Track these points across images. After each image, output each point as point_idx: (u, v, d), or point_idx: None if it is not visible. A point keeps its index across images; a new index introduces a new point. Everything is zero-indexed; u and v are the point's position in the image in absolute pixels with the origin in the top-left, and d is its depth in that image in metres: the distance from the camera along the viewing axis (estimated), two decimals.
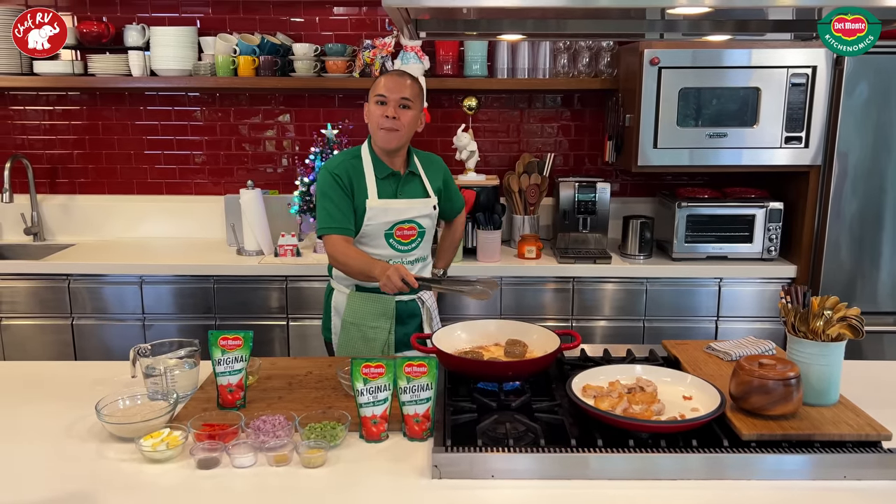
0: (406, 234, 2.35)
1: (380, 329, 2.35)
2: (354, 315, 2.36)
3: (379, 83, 2.29)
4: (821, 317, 1.61)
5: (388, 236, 2.33)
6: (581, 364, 1.93)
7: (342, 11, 3.59)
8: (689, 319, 3.23)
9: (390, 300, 2.34)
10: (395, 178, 2.35)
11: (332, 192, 2.28)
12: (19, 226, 3.68)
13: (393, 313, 2.36)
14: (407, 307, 2.40)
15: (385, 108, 2.25)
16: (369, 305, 2.35)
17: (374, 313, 2.35)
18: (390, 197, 2.33)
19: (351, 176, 2.30)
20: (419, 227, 2.36)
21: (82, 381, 1.96)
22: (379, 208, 2.30)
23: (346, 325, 2.37)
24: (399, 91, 2.25)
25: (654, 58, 3.03)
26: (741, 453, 1.46)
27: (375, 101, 2.28)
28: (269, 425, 1.58)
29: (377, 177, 2.32)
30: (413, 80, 2.32)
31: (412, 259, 2.39)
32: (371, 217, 2.30)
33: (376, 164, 2.33)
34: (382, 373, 1.60)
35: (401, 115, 2.25)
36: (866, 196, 3.09)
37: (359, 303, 2.36)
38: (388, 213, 2.31)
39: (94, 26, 3.46)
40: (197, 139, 3.72)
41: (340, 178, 2.29)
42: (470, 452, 1.47)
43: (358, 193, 2.30)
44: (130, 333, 3.23)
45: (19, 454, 1.58)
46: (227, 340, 1.72)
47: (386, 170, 2.33)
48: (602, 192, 3.39)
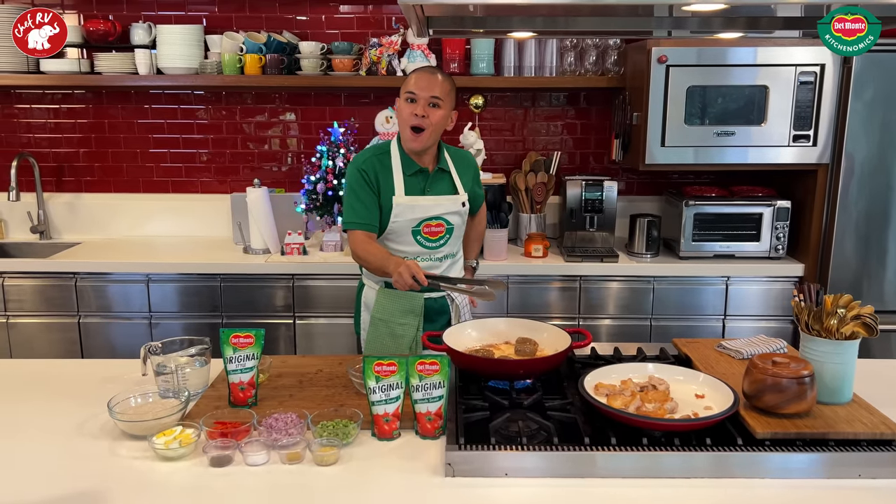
0: (434, 230, 2.33)
1: (408, 326, 2.33)
2: (383, 311, 2.34)
3: (410, 79, 2.25)
4: (834, 315, 1.60)
5: (415, 233, 2.31)
6: (592, 362, 1.92)
7: (348, 10, 3.58)
8: (697, 318, 3.23)
9: (419, 297, 2.32)
10: (423, 175, 2.32)
11: (358, 187, 2.28)
12: (26, 224, 3.68)
13: (421, 310, 2.34)
14: (436, 304, 2.38)
15: (414, 107, 2.22)
16: (398, 302, 2.33)
17: (403, 310, 2.33)
18: (418, 194, 2.31)
19: (378, 172, 2.29)
20: (447, 224, 2.34)
21: (92, 378, 1.96)
22: (406, 205, 2.28)
23: (375, 321, 2.36)
24: (429, 89, 2.21)
25: (661, 56, 3.02)
26: (755, 452, 1.46)
27: (405, 97, 2.24)
28: (281, 423, 1.57)
29: (405, 173, 2.30)
30: (445, 77, 2.27)
31: (440, 256, 2.37)
32: (398, 214, 2.28)
33: (404, 161, 2.31)
34: (395, 371, 1.60)
35: (430, 113, 2.22)
36: (874, 194, 3.08)
37: (387, 299, 2.34)
38: (416, 209, 2.29)
39: (101, 25, 3.46)
40: (203, 138, 3.72)
41: (367, 174, 2.28)
42: (483, 451, 1.47)
43: (385, 190, 2.28)
44: (137, 332, 3.23)
45: (31, 452, 1.58)
46: (238, 338, 1.71)
47: (414, 166, 2.31)
48: (609, 191, 3.38)
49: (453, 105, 2.30)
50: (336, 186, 3.30)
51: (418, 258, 2.31)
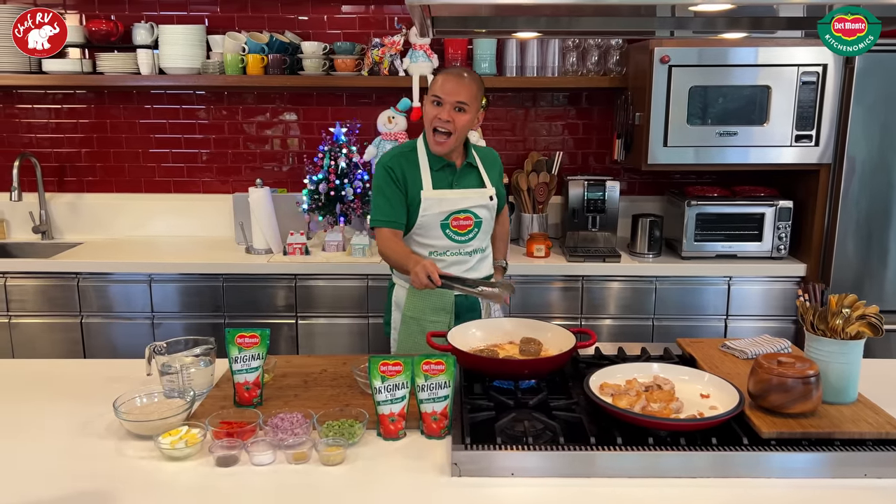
0: (462, 224, 2.35)
1: (439, 323, 2.33)
2: (414, 309, 2.37)
3: (437, 82, 2.26)
4: (839, 315, 1.61)
5: (444, 226, 2.33)
6: (596, 362, 1.93)
7: (350, 10, 3.58)
8: (699, 318, 3.23)
9: (449, 294, 2.34)
10: (450, 169, 2.35)
11: (385, 185, 2.31)
12: (28, 224, 3.68)
13: (452, 307, 2.36)
14: (466, 301, 2.40)
15: (439, 110, 2.23)
16: (429, 300, 2.35)
17: (434, 307, 2.35)
18: (445, 188, 2.33)
19: (405, 168, 2.32)
20: (476, 217, 2.36)
21: (96, 378, 1.96)
22: (434, 199, 2.31)
23: (406, 319, 2.38)
24: (455, 94, 2.22)
25: (664, 56, 3.02)
26: (761, 451, 1.46)
27: (431, 100, 2.26)
28: (287, 423, 1.58)
29: (432, 168, 2.33)
30: (473, 79, 2.27)
31: (470, 250, 2.39)
32: (426, 208, 2.31)
33: (431, 156, 2.34)
34: (400, 370, 1.60)
35: (455, 118, 2.23)
36: (875, 194, 3.09)
37: (418, 297, 2.36)
38: (443, 203, 2.32)
39: (103, 25, 3.46)
40: (204, 137, 3.72)
41: (393, 171, 2.31)
42: (489, 450, 1.47)
43: (412, 185, 2.31)
44: (139, 332, 3.23)
45: (37, 452, 1.58)
46: (244, 338, 1.72)
47: (441, 161, 2.33)
48: (611, 191, 3.38)
49: (479, 107, 2.32)
50: (338, 186, 3.30)
51: (448, 252, 2.35)
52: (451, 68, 2.40)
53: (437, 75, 2.32)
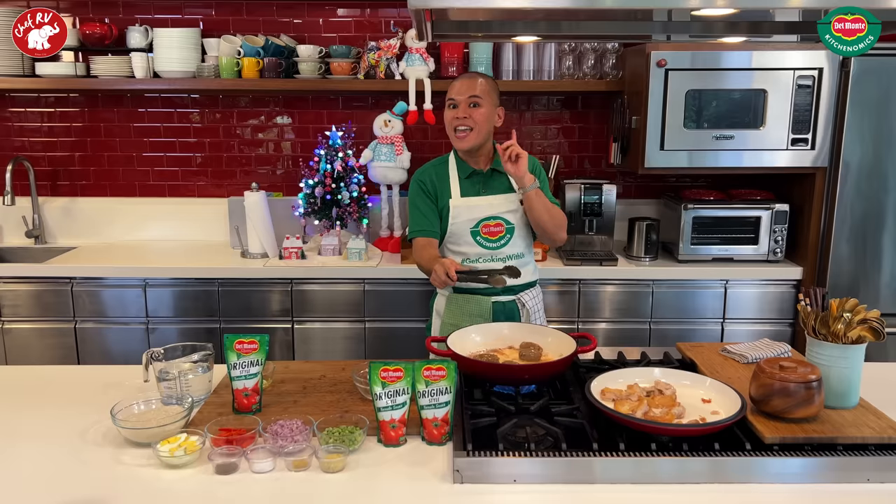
0: (493, 230, 2.38)
1: None
2: (453, 316, 2.40)
3: (452, 87, 2.36)
4: (841, 319, 1.60)
5: (474, 234, 2.38)
6: (597, 367, 1.92)
7: (345, 13, 3.57)
8: (695, 321, 3.23)
9: (486, 301, 2.37)
10: (478, 177, 2.41)
11: (417, 198, 2.42)
12: (21, 229, 3.65)
13: (489, 314, 2.38)
14: (504, 308, 2.41)
15: (455, 111, 2.33)
16: (467, 306, 2.39)
17: (472, 314, 2.37)
18: (474, 195, 2.39)
19: (434, 180, 2.42)
20: (506, 224, 2.39)
21: (93, 385, 1.94)
22: (462, 206, 2.37)
23: (446, 326, 2.39)
24: (468, 91, 2.31)
25: (660, 60, 3.02)
26: (764, 457, 1.46)
27: (448, 105, 2.35)
28: (286, 430, 1.56)
29: (461, 177, 2.41)
30: (485, 78, 2.37)
31: (502, 257, 2.41)
32: (456, 216, 2.38)
33: (460, 165, 2.43)
34: (401, 376, 1.59)
35: (471, 113, 2.31)
36: (872, 198, 3.10)
37: (457, 304, 2.40)
38: (473, 210, 2.37)
39: (97, 28, 3.44)
40: (199, 141, 3.70)
41: (425, 185, 2.42)
42: (491, 457, 1.46)
43: (442, 195, 2.40)
44: (134, 337, 3.20)
45: (34, 460, 1.56)
46: (242, 344, 1.70)
47: (468, 169, 2.41)
48: (608, 194, 3.38)
49: (496, 103, 2.39)
50: (334, 190, 3.29)
51: (480, 259, 2.39)
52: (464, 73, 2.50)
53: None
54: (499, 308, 2.40)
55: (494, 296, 2.39)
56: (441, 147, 3.65)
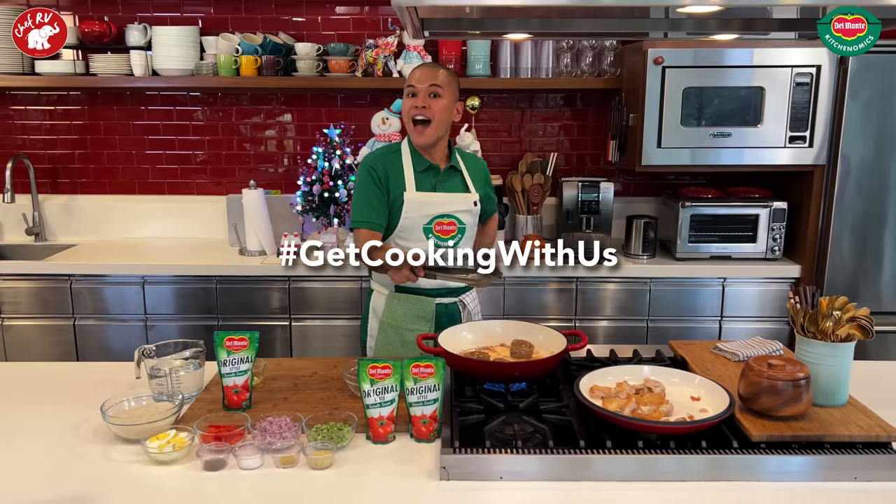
0: (446, 228, 2.28)
1: (418, 331, 2.25)
2: (393, 317, 2.30)
3: (411, 75, 2.25)
4: (830, 317, 1.60)
5: (427, 231, 2.26)
6: (588, 365, 1.92)
7: (344, 11, 3.57)
8: (693, 319, 3.22)
9: (430, 302, 2.28)
10: (434, 172, 2.30)
11: (366, 186, 2.25)
12: (21, 226, 3.67)
13: (432, 316, 2.29)
14: (447, 310, 2.33)
15: (414, 100, 2.20)
16: (408, 307, 2.29)
17: (413, 315, 2.28)
18: (429, 190, 2.27)
19: (387, 168, 2.26)
20: (459, 223, 2.29)
21: (86, 382, 1.95)
22: (417, 201, 2.24)
23: (385, 326, 2.31)
24: (429, 79, 2.20)
25: (657, 57, 3.02)
26: (751, 455, 1.46)
27: (406, 93, 2.23)
28: (275, 427, 1.57)
29: (416, 170, 2.27)
30: (445, 69, 2.27)
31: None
32: (409, 210, 2.24)
33: (415, 157, 2.28)
34: (389, 374, 1.59)
35: (431, 104, 2.19)
36: (870, 196, 3.08)
37: (398, 305, 2.30)
38: (427, 206, 2.25)
39: (96, 26, 3.45)
40: (198, 139, 3.71)
41: (376, 171, 2.25)
42: (478, 454, 1.47)
43: (395, 186, 2.25)
44: (133, 334, 3.22)
45: (25, 455, 1.57)
46: (232, 341, 1.71)
47: (425, 162, 2.28)
48: (606, 192, 3.38)
49: (456, 96, 2.28)
50: (332, 188, 3.29)
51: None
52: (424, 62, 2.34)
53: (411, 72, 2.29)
54: (441, 309, 2.31)
55: (438, 297, 2.29)
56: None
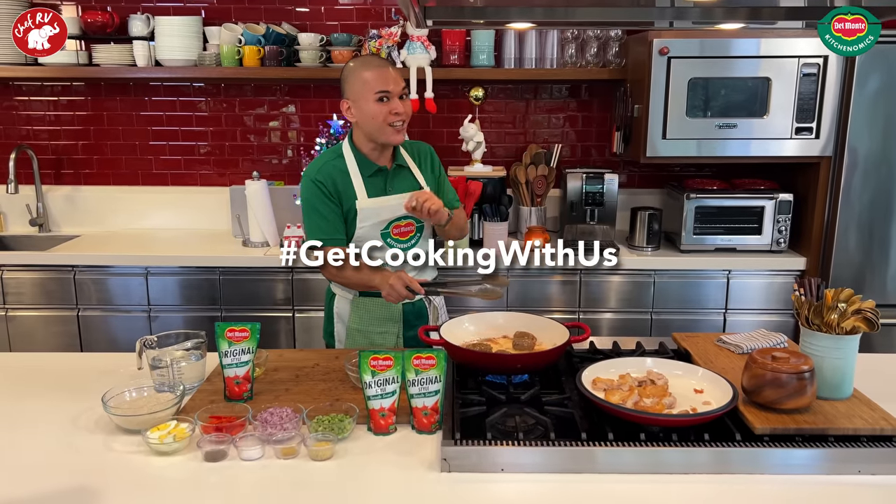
0: (404, 230, 2.22)
1: (388, 334, 2.25)
2: (360, 322, 2.26)
3: (370, 78, 2.10)
4: (835, 309, 1.59)
5: (384, 236, 2.19)
6: (590, 357, 1.91)
7: (347, 1, 3.55)
8: (697, 312, 3.21)
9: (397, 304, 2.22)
10: (382, 175, 2.20)
11: (318, 201, 2.14)
12: (25, 217, 3.67)
13: (400, 317, 2.26)
14: (414, 308, 2.28)
15: (391, 105, 2.11)
16: (375, 311, 2.24)
17: (381, 318, 2.25)
18: (381, 195, 2.18)
19: (335, 179, 2.15)
20: (417, 222, 2.23)
21: (88, 372, 1.95)
22: (370, 209, 2.16)
23: (352, 332, 2.27)
24: (398, 82, 2.14)
25: (663, 48, 2.99)
26: (754, 447, 1.45)
27: (376, 98, 2.10)
28: (276, 418, 1.56)
29: (363, 175, 2.17)
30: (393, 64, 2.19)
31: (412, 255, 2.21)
32: (364, 219, 2.16)
33: (361, 163, 2.18)
34: (391, 365, 1.59)
35: (404, 105, 2.15)
36: (877, 187, 3.06)
37: (364, 309, 2.25)
38: (381, 212, 2.17)
39: (99, 16, 3.44)
40: (202, 130, 3.71)
41: (324, 185, 2.14)
42: (479, 446, 1.46)
43: (346, 197, 2.15)
44: (136, 325, 3.22)
45: (26, 446, 1.57)
46: (234, 332, 1.70)
47: (372, 167, 2.18)
48: (610, 184, 3.36)
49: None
50: None
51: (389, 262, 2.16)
52: (370, 60, 2.19)
53: (360, 73, 2.13)
54: (408, 308, 2.26)
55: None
56: (442, 136, 3.64)
